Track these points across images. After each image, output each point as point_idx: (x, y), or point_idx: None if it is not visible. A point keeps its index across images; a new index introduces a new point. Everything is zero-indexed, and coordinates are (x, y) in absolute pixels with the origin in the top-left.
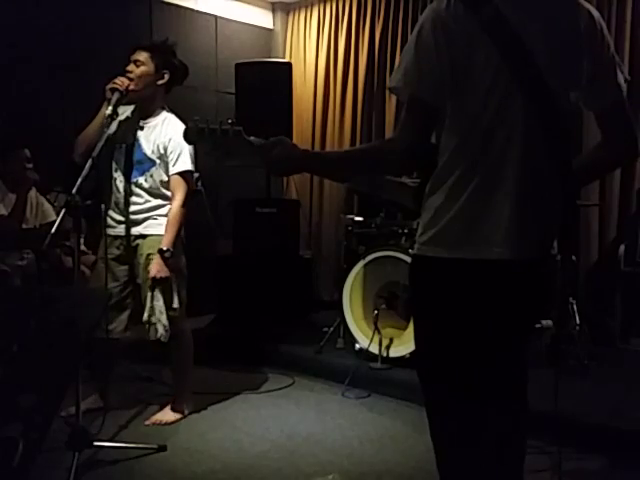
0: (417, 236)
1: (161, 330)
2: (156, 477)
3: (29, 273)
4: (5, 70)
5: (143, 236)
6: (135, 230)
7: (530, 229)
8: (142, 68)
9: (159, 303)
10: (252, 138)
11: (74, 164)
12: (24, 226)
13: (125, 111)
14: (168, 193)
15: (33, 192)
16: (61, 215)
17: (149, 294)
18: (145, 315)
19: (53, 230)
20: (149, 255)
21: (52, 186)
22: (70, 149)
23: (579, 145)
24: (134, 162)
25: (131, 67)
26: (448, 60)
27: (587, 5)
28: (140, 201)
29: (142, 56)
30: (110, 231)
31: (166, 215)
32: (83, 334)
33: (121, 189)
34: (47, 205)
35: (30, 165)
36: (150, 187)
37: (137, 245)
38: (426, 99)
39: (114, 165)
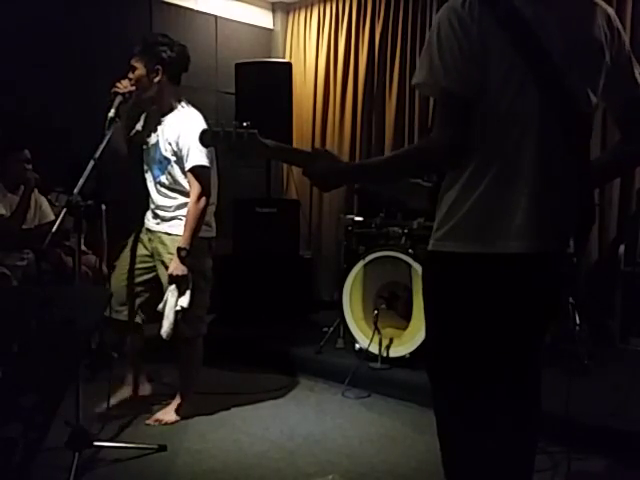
0: (432, 232)
1: (166, 327)
2: (156, 477)
3: (29, 273)
4: (5, 70)
5: (168, 234)
6: (161, 227)
7: (545, 224)
8: (136, 72)
9: (172, 300)
10: (267, 141)
11: (75, 164)
12: (24, 226)
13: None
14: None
15: (34, 192)
16: (61, 215)
17: (168, 289)
18: (160, 305)
19: (53, 230)
20: (171, 254)
21: (53, 186)
22: (71, 149)
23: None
24: (156, 161)
25: (130, 74)
26: (468, 54)
27: (602, 3)
28: (167, 200)
29: (134, 61)
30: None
31: None
32: (83, 334)
33: (150, 189)
34: (46, 205)
35: (29, 166)
36: (170, 184)
37: (161, 243)
38: (457, 92)
39: (145, 167)
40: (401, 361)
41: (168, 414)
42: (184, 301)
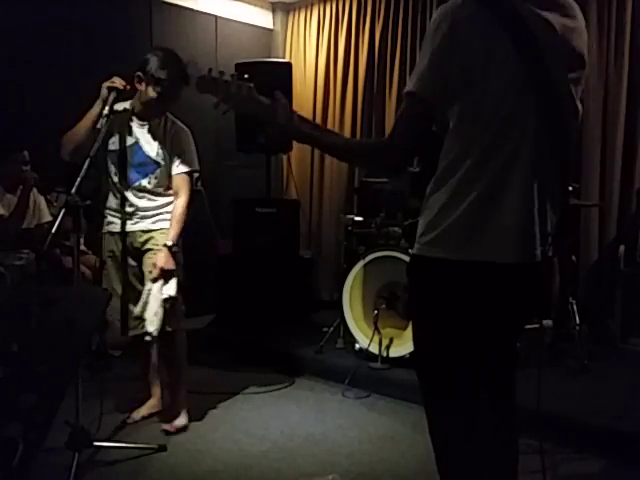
0: (418, 235)
1: (157, 323)
2: (156, 477)
3: (29, 273)
4: (5, 70)
5: (152, 230)
6: (142, 225)
7: (535, 233)
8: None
9: (159, 294)
10: (262, 97)
11: (75, 164)
12: (23, 226)
13: (121, 105)
14: (171, 193)
15: (33, 192)
16: (61, 215)
17: (148, 288)
18: (137, 309)
19: (53, 230)
20: (158, 246)
21: (53, 186)
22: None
23: (579, 145)
24: (135, 165)
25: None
26: (462, 62)
27: (574, 4)
28: (148, 202)
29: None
30: (112, 227)
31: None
32: (83, 334)
33: (119, 192)
34: (44, 204)
35: (27, 167)
36: (154, 188)
37: (148, 237)
38: (433, 102)
39: (112, 168)
40: (401, 361)
41: (175, 421)
42: (171, 290)
